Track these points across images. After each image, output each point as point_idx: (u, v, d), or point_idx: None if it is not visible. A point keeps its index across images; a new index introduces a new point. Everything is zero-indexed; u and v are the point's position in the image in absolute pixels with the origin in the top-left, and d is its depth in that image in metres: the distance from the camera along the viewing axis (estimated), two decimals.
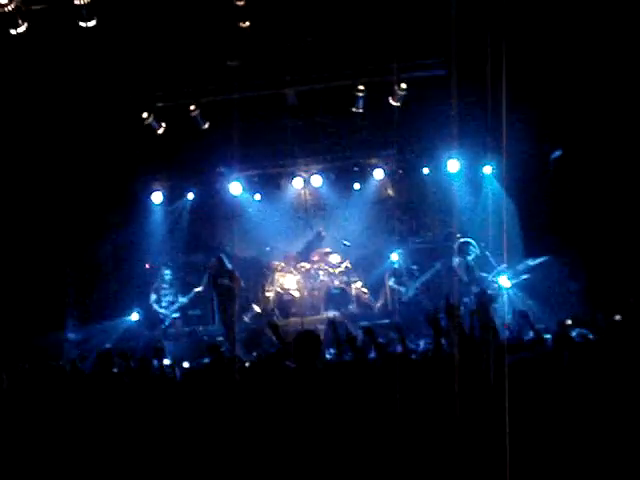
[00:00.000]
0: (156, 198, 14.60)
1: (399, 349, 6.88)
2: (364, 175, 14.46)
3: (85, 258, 13.77)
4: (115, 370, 7.70)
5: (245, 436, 5.83)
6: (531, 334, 7.14)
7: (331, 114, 13.69)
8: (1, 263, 12.24)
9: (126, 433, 6.20)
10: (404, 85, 12.38)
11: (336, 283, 14.21)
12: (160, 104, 13.34)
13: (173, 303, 13.22)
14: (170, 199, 14.78)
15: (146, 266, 14.67)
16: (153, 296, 13.29)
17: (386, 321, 12.62)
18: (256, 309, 14.03)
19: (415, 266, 13.30)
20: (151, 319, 13.68)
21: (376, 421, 5.66)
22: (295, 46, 11.78)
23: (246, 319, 13.77)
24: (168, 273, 13.48)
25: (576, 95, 11.80)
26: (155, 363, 8.09)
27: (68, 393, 6.65)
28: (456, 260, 12.25)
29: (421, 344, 8.83)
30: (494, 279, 11.90)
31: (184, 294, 13.21)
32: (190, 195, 14.82)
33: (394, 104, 12.58)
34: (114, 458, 6.06)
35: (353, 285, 14.21)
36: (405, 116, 12.75)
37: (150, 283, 13.96)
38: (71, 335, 12.74)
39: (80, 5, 9.09)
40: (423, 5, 10.50)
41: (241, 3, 10.15)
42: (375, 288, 14.12)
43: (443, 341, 6.32)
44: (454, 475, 5.17)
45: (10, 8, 8.78)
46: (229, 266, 12.98)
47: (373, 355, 6.90)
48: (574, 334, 7.03)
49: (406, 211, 14.49)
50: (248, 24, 10.95)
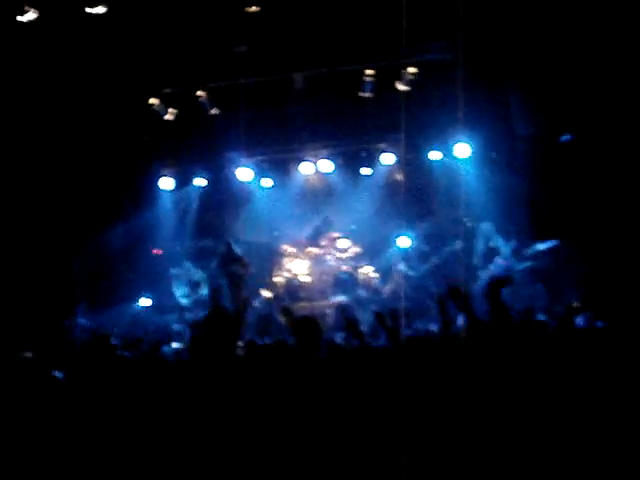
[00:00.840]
0: (165, 184, 14.63)
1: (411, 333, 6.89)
2: (372, 160, 14.44)
3: (94, 244, 13.82)
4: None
5: (247, 419, 5.87)
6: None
7: (339, 99, 13.68)
8: (12, 251, 12.31)
9: (135, 417, 6.25)
10: (413, 69, 12.34)
11: (344, 268, 14.22)
12: (168, 90, 13.36)
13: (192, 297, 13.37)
14: (179, 185, 14.80)
15: (154, 252, 14.74)
16: (178, 290, 13.45)
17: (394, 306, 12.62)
18: (265, 294, 14.06)
19: (427, 247, 13.31)
20: (161, 305, 13.79)
21: (380, 408, 5.68)
22: (303, 31, 11.77)
23: (255, 304, 13.80)
24: (189, 265, 13.61)
25: (585, 78, 11.74)
26: (165, 348, 8.16)
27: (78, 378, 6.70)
28: (466, 244, 12.27)
29: (432, 328, 8.85)
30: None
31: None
32: (199, 181, 14.83)
33: (402, 88, 12.56)
34: (122, 442, 6.12)
35: (361, 270, 14.20)
36: (413, 100, 12.72)
37: (159, 269, 14.04)
38: (82, 321, 12.80)
39: None
40: None
41: None
42: (384, 273, 14.11)
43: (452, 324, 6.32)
44: (458, 460, 5.19)
45: None
46: (238, 252, 13.02)
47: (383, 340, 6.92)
48: (580, 319, 7.05)
49: (414, 196, 14.47)
50: (255, 9, 10.97)
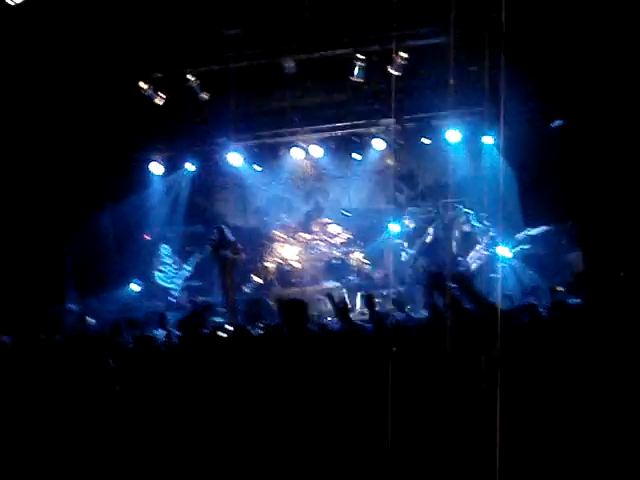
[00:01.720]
0: (155, 169, 14.55)
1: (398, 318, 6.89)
2: (364, 145, 14.37)
3: (84, 229, 13.76)
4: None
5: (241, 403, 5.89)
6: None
7: (330, 83, 13.61)
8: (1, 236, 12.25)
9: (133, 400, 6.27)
10: (404, 54, 12.28)
11: (336, 254, 14.21)
12: (158, 74, 13.27)
13: (175, 276, 13.29)
14: (169, 170, 14.73)
15: (145, 237, 14.70)
16: (157, 273, 13.37)
17: (385, 292, 12.62)
18: (256, 280, 14.05)
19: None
20: (151, 290, 13.76)
21: (367, 392, 5.70)
22: (294, 14, 11.69)
23: (246, 290, 13.80)
24: (166, 248, 13.53)
25: (577, 62, 11.71)
26: (157, 333, 8.16)
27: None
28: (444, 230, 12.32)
29: (423, 313, 8.85)
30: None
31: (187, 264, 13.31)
32: (189, 165, 14.76)
33: (394, 73, 12.49)
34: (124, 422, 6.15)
35: (353, 255, 14.19)
36: (405, 85, 12.67)
37: (149, 254, 14.01)
38: (71, 306, 12.76)
39: None
40: None
41: None
42: (375, 258, 14.11)
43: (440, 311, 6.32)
44: (447, 448, 5.20)
45: None
46: (231, 238, 13.00)
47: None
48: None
49: (406, 181, 14.44)
50: None
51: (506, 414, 4.76)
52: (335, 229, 14.60)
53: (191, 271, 13.39)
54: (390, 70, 12.49)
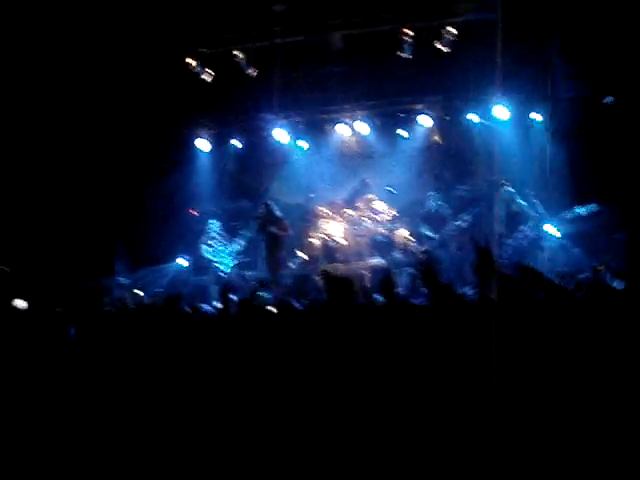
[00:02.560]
0: (202, 145, 14.66)
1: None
2: (410, 122, 14.29)
3: (133, 204, 13.94)
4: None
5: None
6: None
7: (377, 59, 13.54)
8: (52, 209, 12.46)
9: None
10: (453, 30, 12.16)
11: (381, 230, 14.19)
12: (205, 50, 13.33)
13: (224, 250, 13.41)
14: (216, 146, 14.82)
15: (191, 212, 14.84)
16: (206, 247, 13.48)
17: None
18: (301, 256, 14.10)
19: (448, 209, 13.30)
20: (199, 265, 13.91)
21: (414, 365, 5.73)
22: None
23: (292, 265, 13.86)
24: (214, 223, 13.62)
25: (628, 39, 11.49)
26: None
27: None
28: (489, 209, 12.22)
29: (467, 291, 8.83)
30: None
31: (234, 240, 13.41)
32: (235, 142, 14.82)
33: (442, 49, 12.39)
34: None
35: (398, 232, 14.15)
36: (453, 61, 12.56)
37: (196, 230, 14.14)
38: (121, 279, 12.98)
39: None
40: None
41: None
42: (420, 236, 14.06)
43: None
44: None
45: None
46: (278, 214, 13.07)
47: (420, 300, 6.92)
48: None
49: (452, 158, 14.33)
50: None
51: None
52: (381, 206, 14.55)
53: (245, 245, 13.47)
54: (438, 46, 12.41)
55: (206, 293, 12.09)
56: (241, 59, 13.32)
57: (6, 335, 6.98)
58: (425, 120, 14.02)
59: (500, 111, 13.24)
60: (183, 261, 13.88)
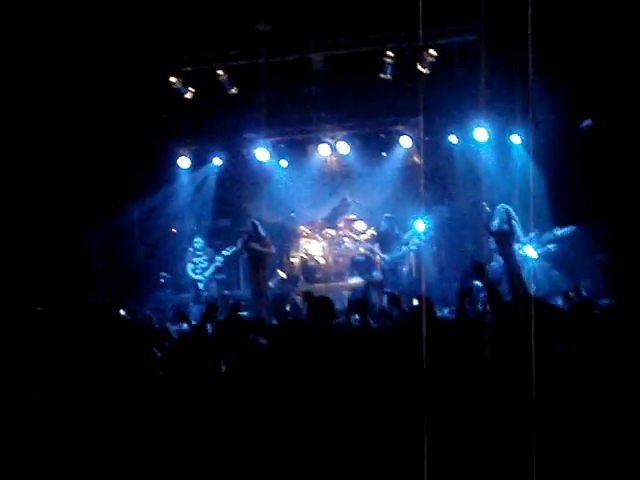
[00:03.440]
0: (183, 163, 14.65)
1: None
2: (391, 142, 14.38)
3: (112, 223, 13.86)
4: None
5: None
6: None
7: (358, 80, 13.62)
8: (25, 230, 12.29)
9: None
10: (433, 52, 12.27)
11: (361, 250, 14.22)
12: (188, 68, 13.36)
13: (206, 268, 13.37)
14: (197, 164, 14.81)
15: (172, 230, 14.81)
16: (190, 265, 13.45)
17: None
18: (281, 274, 14.11)
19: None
20: (180, 283, 13.87)
21: (392, 392, 5.70)
22: (323, 11, 11.70)
23: (271, 284, 13.85)
24: (199, 241, 13.60)
25: (606, 62, 11.61)
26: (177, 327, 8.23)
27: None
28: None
29: (445, 312, 8.85)
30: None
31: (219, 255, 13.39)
32: (217, 160, 14.84)
33: (422, 71, 12.48)
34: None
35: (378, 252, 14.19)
36: (433, 83, 12.65)
37: (177, 248, 14.11)
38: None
39: None
40: None
41: None
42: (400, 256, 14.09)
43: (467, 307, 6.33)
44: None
45: None
46: (262, 233, 13.07)
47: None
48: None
49: (432, 179, 14.40)
50: None
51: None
52: (361, 226, 14.62)
53: (223, 262, 13.45)
54: (419, 68, 12.49)
55: (187, 311, 12.01)
56: (223, 78, 13.34)
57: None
58: (405, 141, 14.10)
59: (480, 133, 13.34)
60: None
